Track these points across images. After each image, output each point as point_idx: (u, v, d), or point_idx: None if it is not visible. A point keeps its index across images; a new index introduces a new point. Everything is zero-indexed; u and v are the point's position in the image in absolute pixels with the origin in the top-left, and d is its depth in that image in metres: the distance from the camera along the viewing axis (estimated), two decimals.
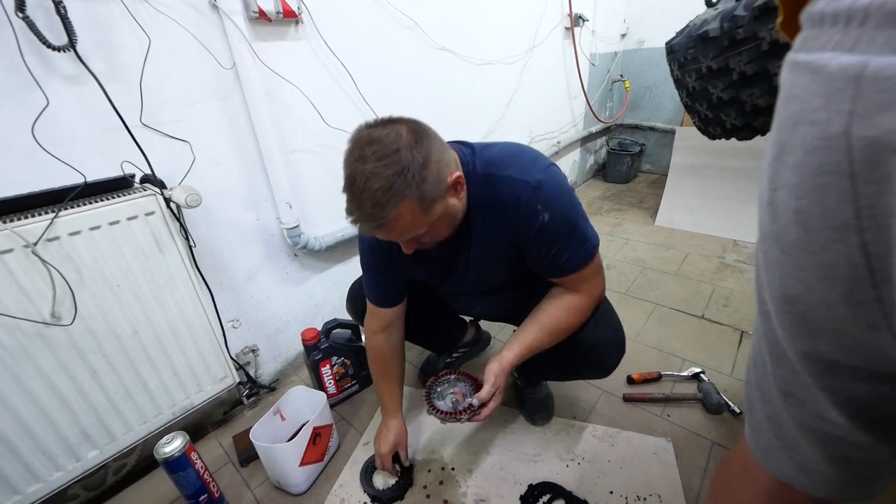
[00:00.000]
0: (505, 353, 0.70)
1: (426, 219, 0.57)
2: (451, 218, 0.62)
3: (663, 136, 2.58)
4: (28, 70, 0.66)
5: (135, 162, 0.80)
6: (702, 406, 1.00)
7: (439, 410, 0.69)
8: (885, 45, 0.20)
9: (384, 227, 0.55)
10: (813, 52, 0.24)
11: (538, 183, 0.62)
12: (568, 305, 0.71)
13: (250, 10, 0.88)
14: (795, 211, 0.27)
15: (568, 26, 1.97)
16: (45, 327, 0.70)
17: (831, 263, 0.26)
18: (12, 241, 0.64)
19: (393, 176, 0.52)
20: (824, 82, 0.23)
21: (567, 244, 0.66)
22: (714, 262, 1.65)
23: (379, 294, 0.82)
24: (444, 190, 0.58)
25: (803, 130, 0.25)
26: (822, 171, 0.25)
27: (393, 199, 0.52)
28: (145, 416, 0.86)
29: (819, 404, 0.33)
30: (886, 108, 0.21)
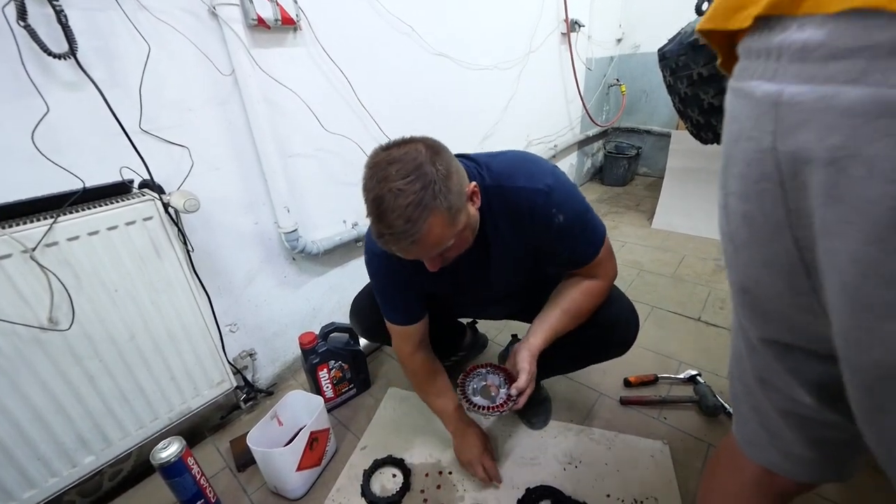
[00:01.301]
0: (532, 340, 0.72)
1: (454, 230, 0.58)
2: (472, 227, 0.63)
3: (659, 139, 2.60)
4: (29, 77, 0.67)
5: (134, 167, 0.80)
6: (698, 408, 1.01)
7: (480, 406, 0.69)
8: (796, 76, 0.25)
9: (417, 243, 0.55)
10: (745, 80, 0.29)
11: (549, 188, 0.65)
12: (588, 289, 0.74)
13: (249, 18, 0.89)
14: (743, 214, 0.32)
15: (564, 32, 1.99)
16: (43, 332, 0.70)
17: (773, 257, 0.31)
18: (11, 247, 0.65)
19: (420, 190, 0.52)
20: (753, 106, 0.28)
21: (581, 237, 0.70)
22: (710, 265, 1.66)
23: (404, 313, 0.80)
24: (465, 200, 0.59)
25: (743, 145, 0.30)
26: (759, 179, 0.29)
27: (424, 213, 0.53)
28: (142, 421, 0.86)
29: (790, 388, 0.36)
30: (799, 127, 0.25)
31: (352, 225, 1.26)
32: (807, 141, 0.25)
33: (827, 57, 0.23)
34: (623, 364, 1.15)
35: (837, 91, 0.22)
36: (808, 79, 0.24)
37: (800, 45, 0.24)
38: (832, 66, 0.23)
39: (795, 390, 0.35)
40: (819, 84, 0.23)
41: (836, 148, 0.23)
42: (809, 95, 0.24)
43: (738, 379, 0.43)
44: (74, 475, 0.79)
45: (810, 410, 0.35)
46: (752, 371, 0.39)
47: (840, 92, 0.22)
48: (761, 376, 0.38)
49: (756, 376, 0.39)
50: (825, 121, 0.23)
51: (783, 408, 0.38)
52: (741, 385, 0.43)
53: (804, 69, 0.24)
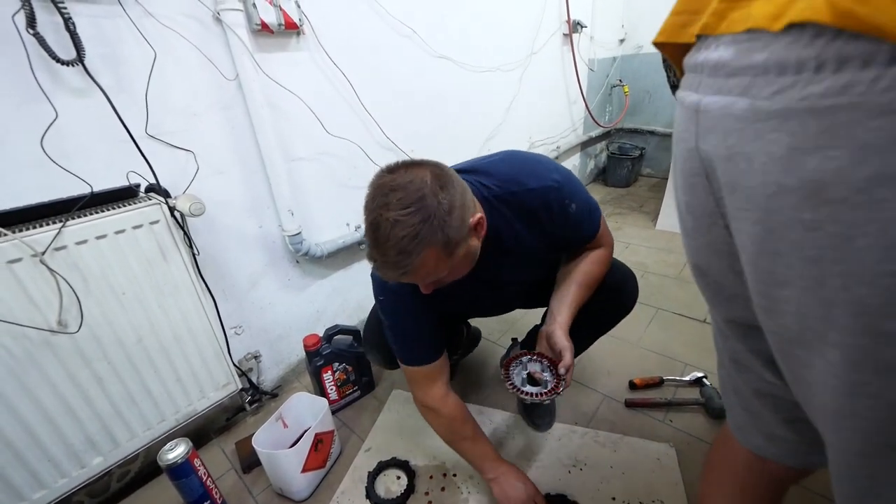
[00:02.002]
0: (559, 319, 0.72)
1: (449, 262, 0.57)
2: (471, 257, 0.62)
3: (663, 139, 2.58)
4: (38, 84, 0.68)
5: (140, 172, 0.81)
6: (704, 411, 1.00)
7: (536, 394, 0.67)
8: (709, 88, 0.30)
9: (408, 275, 0.55)
10: (682, 91, 0.34)
11: (559, 183, 0.68)
12: (597, 259, 0.78)
13: (253, 23, 0.90)
14: (686, 204, 0.37)
15: (566, 32, 1.99)
16: (52, 335, 0.71)
17: (714, 242, 0.35)
18: (21, 251, 0.66)
19: (419, 224, 0.51)
20: (684, 112, 0.33)
21: (587, 217, 0.74)
22: None
23: (428, 348, 0.74)
24: (466, 232, 0.58)
25: (680, 145, 0.35)
26: (692, 173, 0.34)
27: (419, 248, 0.52)
28: (149, 423, 0.87)
29: (756, 367, 0.39)
30: (710, 130, 0.30)
31: (355, 227, 1.27)
32: (715, 141, 0.30)
33: (729, 73, 0.27)
34: (628, 366, 1.15)
35: (733, 101, 0.27)
36: (717, 91, 0.29)
37: (713, 62, 0.29)
38: (731, 81, 0.27)
39: (760, 369, 0.39)
40: (723, 95, 0.28)
41: (730, 147, 0.28)
42: (717, 104, 0.29)
43: (721, 365, 0.46)
44: (83, 476, 0.80)
45: (778, 389, 0.38)
46: (726, 353, 0.43)
47: (734, 102, 0.27)
48: (733, 357, 0.42)
49: (730, 358, 0.42)
50: (725, 125, 0.28)
51: (756, 388, 0.41)
52: (724, 371, 0.46)
53: (715, 83, 0.29)
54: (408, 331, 0.73)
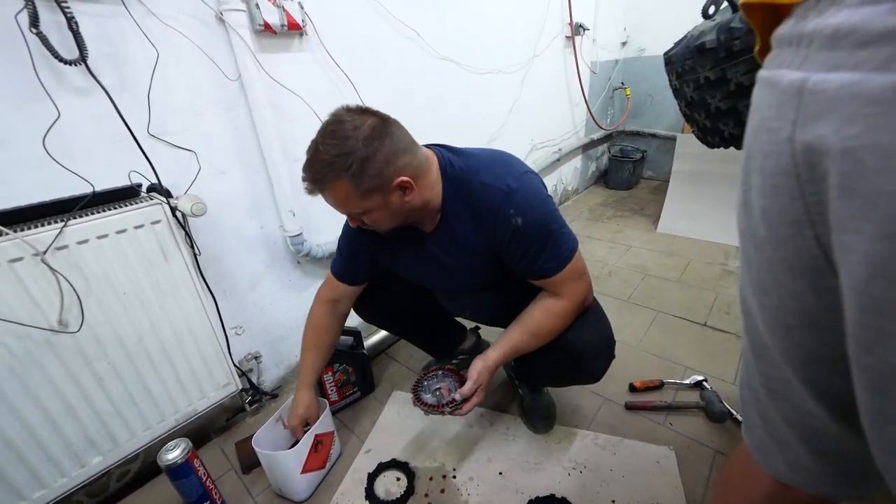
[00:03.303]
0: (489, 353, 0.74)
1: (361, 203, 0.64)
2: (391, 213, 0.67)
3: (664, 142, 2.58)
4: (40, 83, 0.68)
5: (142, 171, 0.81)
6: (704, 414, 1.00)
7: (424, 403, 0.73)
8: (822, 64, 0.24)
9: (321, 193, 0.64)
10: (772, 70, 0.28)
11: (510, 189, 0.66)
12: (549, 309, 0.73)
13: (256, 23, 0.90)
14: (761, 209, 0.31)
15: (569, 35, 1.99)
16: (53, 334, 0.71)
17: (793, 256, 0.29)
18: (22, 250, 0.66)
19: (335, 156, 0.60)
20: (777, 95, 0.27)
21: (542, 248, 0.69)
22: (717, 269, 1.65)
23: (343, 270, 0.87)
24: (384, 186, 0.63)
25: (763, 137, 0.29)
26: (775, 172, 0.28)
27: (330, 174, 0.61)
28: (149, 423, 0.86)
29: (800, 397, 0.34)
30: (819, 116, 0.24)
31: None
32: (825, 130, 0.23)
33: (859, 42, 0.22)
34: (628, 369, 1.14)
35: (863, 79, 0.21)
36: (835, 66, 0.23)
37: (832, 30, 0.23)
38: (861, 53, 0.21)
39: (807, 402, 0.34)
40: (847, 71, 0.22)
41: (852, 138, 0.22)
42: (835, 83, 0.23)
43: (747, 384, 0.42)
44: (83, 475, 0.80)
45: (820, 422, 0.34)
46: (759, 378, 0.38)
47: (865, 80, 0.21)
48: (769, 385, 0.37)
49: (763, 384, 0.38)
50: (846, 110, 0.22)
51: (791, 418, 0.36)
52: (749, 391, 0.41)
53: (833, 56, 0.23)
54: (342, 249, 0.86)
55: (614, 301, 1.46)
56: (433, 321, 1.02)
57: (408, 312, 0.99)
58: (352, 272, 0.86)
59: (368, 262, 0.85)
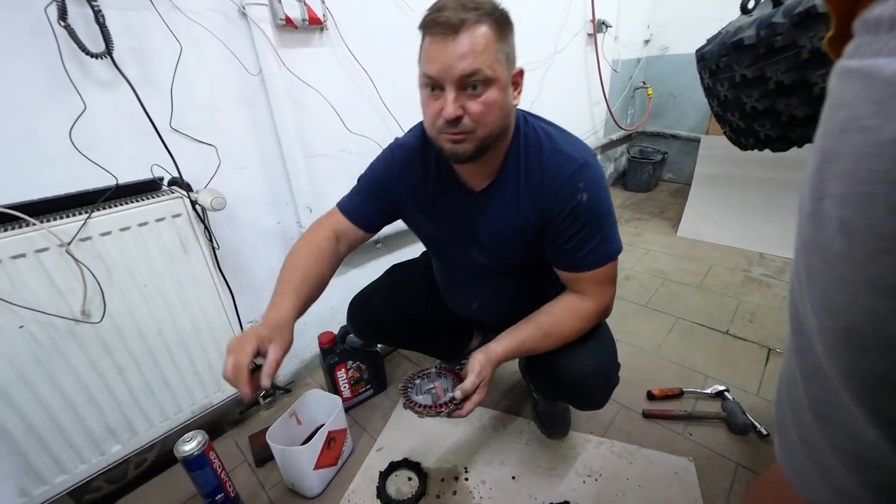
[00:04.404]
0: (493, 346, 0.67)
1: (493, 63, 0.55)
2: (504, 105, 0.59)
3: (686, 144, 2.51)
4: (68, 76, 0.69)
5: (164, 165, 0.82)
6: (726, 426, 0.96)
7: (416, 404, 0.64)
8: None
9: (463, 25, 0.53)
10: (866, 58, 0.24)
11: (585, 161, 0.62)
12: (572, 307, 0.68)
13: (277, 18, 0.90)
14: (840, 220, 0.27)
15: (590, 32, 1.94)
16: (76, 324, 0.72)
17: (879, 275, 0.26)
18: (48, 241, 0.67)
19: (489, 2, 0.55)
20: (878, 88, 0.23)
21: (592, 236, 0.64)
22: (739, 276, 1.59)
23: (355, 208, 0.74)
24: (511, 63, 0.59)
25: (852, 138, 0.25)
26: (869, 179, 0.24)
27: (479, 12, 0.54)
28: (166, 414, 0.88)
29: (857, 426, 0.31)
30: None
31: None
32: None
33: None
34: (646, 376, 1.11)
35: None
36: None
37: None
38: None
39: (866, 430, 0.31)
40: None
41: None
42: None
43: (788, 406, 0.39)
44: (102, 462, 0.81)
45: (877, 452, 0.31)
46: (807, 401, 0.35)
47: None
48: (819, 409, 0.34)
49: (812, 408, 0.35)
50: None
51: (842, 447, 0.34)
52: (791, 414, 0.38)
53: None
54: (364, 184, 0.76)
55: (632, 306, 1.43)
56: (442, 326, 0.96)
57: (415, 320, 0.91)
58: (365, 213, 0.74)
59: (388, 208, 0.75)
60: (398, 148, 0.74)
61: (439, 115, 0.58)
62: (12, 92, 0.66)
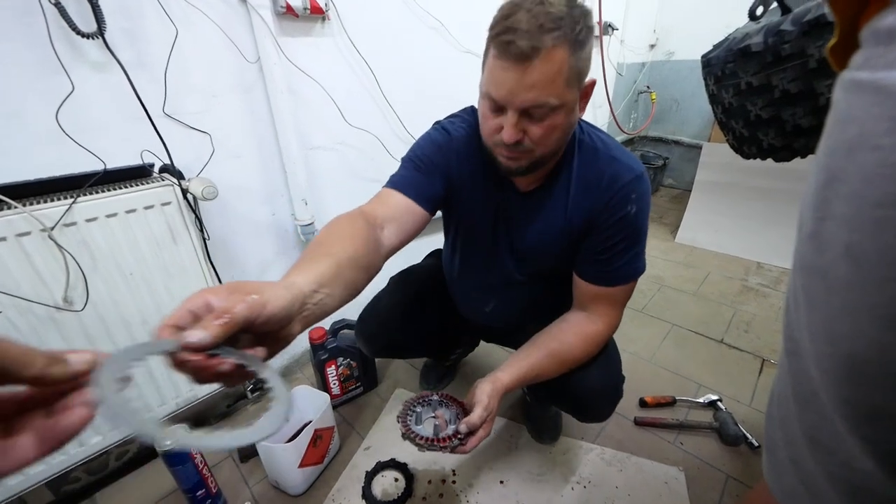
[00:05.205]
0: (500, 375, 0.64)
1: (564, 90, 0.50)
2: (567, 125, 0.56)
3: (688, 150, 2.50)
4: (56, 56, 0.67)
5: (155, 151, 0.80)
6: (718, 436, 0.96)
7: (417, 436, 0.60)
8: None
9: (536, 55, 0.47)
10: (879, 71, 0.22)
11: (641, 174, 0.62)
12: (583, 332, 0.66)
13: (278, 5, 0.88)
14: (847, 245, 0.25)
15: (597, 34, 1.93)
16: (57, 312, 0.70)
17: (887, 304, 0.24)
18: (30, 225, 0.65)
19: (567, 14, 0.47)
20: (892, 104, 0.21)
21: (626, 251, 0.64)
22: (736, 284, 1.59)
23: (412, 183, 0.63)
24: (584, 77, 0.53)
25: (862, 157, 0.23)
26: (882, 202, 0.22)
27: (557, 32, 0.47)
28: (149, 406, 0.86)
29: (851, 454, 0.30)
30: None
31: None
32: None
33: None
34: (639, 383, 1.10)
35: None
36: None
37: None
38: None
39: (861, 460, 0.30)
40: None
41: None
42: None
43: (779, 426, 0.37)
44: (81, 454, 0.79)
45: (873, 482, 0.30)
46: (799, 425, 0.34)
47: None
48: (812, 434, 0.33)
49: (805, 432, 0.34)
50: None
51: (834, 472, 0.33)
52: (782, 433, 0.37)
53: None
54: (419, 160, 0.66)
55: (628, 311, 1.38)
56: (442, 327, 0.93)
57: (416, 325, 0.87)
58: (424, 187, 0.63)
59: (445, 188, 0.67)
60: (455, 132, 0.70)
61: (498, 131, 0.56)
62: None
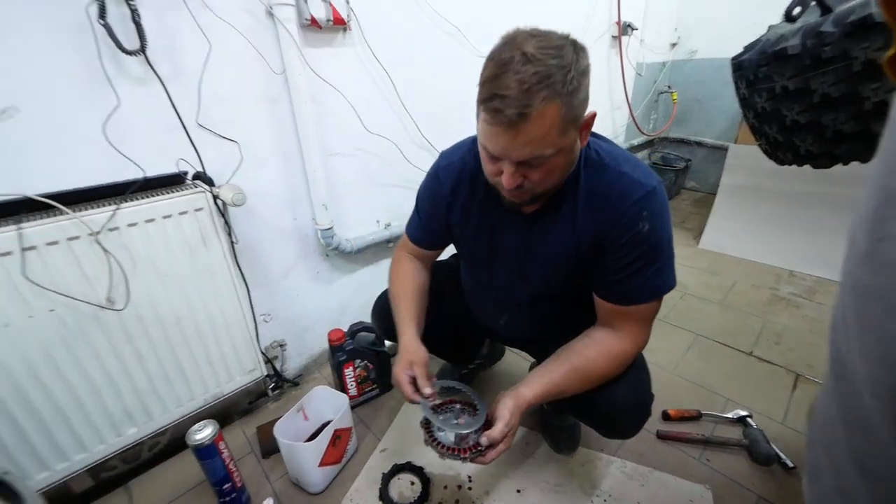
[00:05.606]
0: (523, 390, 0.63)
1: (559, 139, 0.51)
2: (568, 161, 0.56)
3: (712, 152, 2.42)
4: (104, 71, 0.72)
5: (188, 160, 0.84)
6: (747, 454, 0.92)
7: (440, 444, 0.61)
8: None
9: (525, 120, 0.48)
10: None
11: (653, 189, 0.59)
12: (609, 350, 0.64)
13: (303, 18, 0.91)
14: None
15: (615, 35, 1.90)
16: (101, 310, 0.75)
17: None
18: (79, 229, 0.70)
19: (554, 67, 0.47)
20: None
21: (647, 268, 0.60)
22: (765, 294, 1.52)
23: (419, 233, 0.81)
24: (581, 118, 0.53)
25: None
26: None
27: (545, 92, 0.47)
28: (180, 400, 0.90)
29: None
30: None
31: (384, 225, 1.27)
32: None
33: None
34: (661, 395, 1.06)
35: None
36: None
37: None
38: None
39: None
40: None
41: None
42: None
43: (824, 451, 0.36)
44: (119, 444, 0.84)
45: None
46: (848, 451, 0.33)
47: None
48: (863, 461, 0.32)
49: (854, 458, 0.32)
50: None
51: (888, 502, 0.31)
52: (827, 459, 0.35)
53: None
54: (420, 208, 0.80)
55: None
56: (458, 329, 0.94)
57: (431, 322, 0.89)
58: (430, 235, 0.80)
59: (443, 227, 0.78)
60: (443, 170, 0.74)
61: (498, 174, 0.57)
62: (53, 84, 0.69)
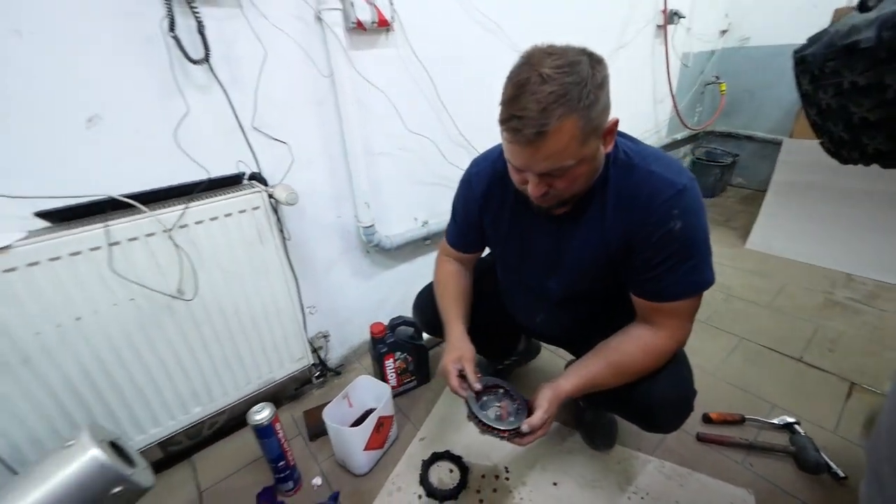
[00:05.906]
0: (562, 382, 0.66)
1: (579, 150, 0.53)
2: (592, 168, 0.58)
3: (763, 146, 2.27)
4: (175, 81, 0.78)
5: (245, 161, 0.90)
6: (794, 461, 0.89)
7: (480, 421, 0.65)
8: None
9: (543, 137, 0.50)
10: None
11: (683, 187, 0.58)
12: (645, 345, 0.64)
13: (349, 21, 0.94)
14: None
15: (660, 24, 1.81)
16: (172, 300, 0.82)
17: None
18: (155, 227, 0.77)
19: (570, 84, 0.49)
20: None
21: (680, 265, 0.60)
22: (819, 298, 1.43)
23: (456, 238, 0.86)
24: (602, 127, 0.55)
25: None
26: None
27: (561, 109, 0.49)
28: (238, 384, 0.98)
29: None
30: None
31: (422, 223, 1.30)
32: None
33: None
34: (703, 397, 1.03)
35: None
36: None
37: None
38: None
39: None
40: None
41: None
42: None
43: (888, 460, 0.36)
44: (185, 421, 0.93)
45: None
46: None
47: None
48: None
49: None
50: None
51: None
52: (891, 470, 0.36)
53: None
54: (456, 214, 0.85)
55: None
56: (496, 326, 0.95)
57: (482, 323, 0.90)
58: (466, 240, 0.84)
59: (477, 231, 0.81)
60: (475, 177, 0.78)
61: (524, 183, 0.59)
62: (130, 94, 0.76)
